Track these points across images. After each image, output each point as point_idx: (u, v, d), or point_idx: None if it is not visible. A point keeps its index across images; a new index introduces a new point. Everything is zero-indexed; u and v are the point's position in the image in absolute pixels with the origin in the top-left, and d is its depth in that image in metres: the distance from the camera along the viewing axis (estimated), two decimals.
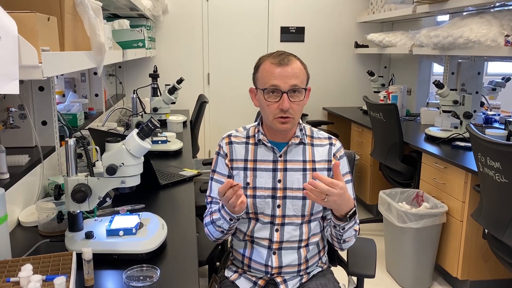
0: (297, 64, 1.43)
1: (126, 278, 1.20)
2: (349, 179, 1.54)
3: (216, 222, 1.46)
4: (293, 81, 1.40)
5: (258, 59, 1.49)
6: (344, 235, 1.44)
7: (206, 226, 1.52)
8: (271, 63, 1.42)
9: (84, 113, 2.74)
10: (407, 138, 3.14)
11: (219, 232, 1.48)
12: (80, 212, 1.35)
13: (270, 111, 1.42)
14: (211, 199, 1.56)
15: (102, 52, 1.40)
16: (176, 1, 4.51)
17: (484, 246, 2.52)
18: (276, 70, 1.40)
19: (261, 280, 1.53)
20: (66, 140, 1.29)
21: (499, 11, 2.82)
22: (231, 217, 1.41)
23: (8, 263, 1.17)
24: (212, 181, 1.57)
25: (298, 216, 1.49)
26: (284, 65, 1.40)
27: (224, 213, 1.42)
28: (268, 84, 1.41)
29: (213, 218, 1.46)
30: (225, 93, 4.75)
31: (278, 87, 1.39)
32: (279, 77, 1.39)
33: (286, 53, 1.45)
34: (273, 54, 1.45)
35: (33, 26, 0.92)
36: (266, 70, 1.42)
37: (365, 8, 4.74)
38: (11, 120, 1.87)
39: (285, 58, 1.41)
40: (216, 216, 1.45)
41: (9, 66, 0.83)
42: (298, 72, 1.42)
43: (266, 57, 1.45)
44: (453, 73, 3.73)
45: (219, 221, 1.44)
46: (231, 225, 1.44)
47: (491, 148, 1.96)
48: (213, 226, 1.48)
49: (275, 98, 1.41)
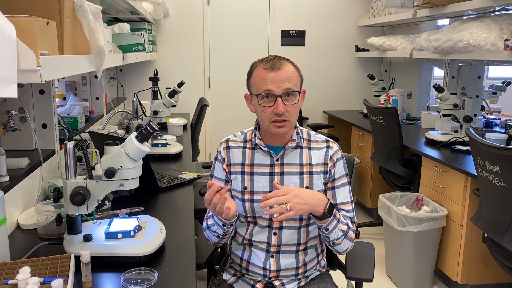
0: (289, 67, 1.43)
1: (124, 281, 1.20)
2: (346, 181, 1.54)
3: (211, 227, 1.49)
4: (286, 84, 1.40)
5: (250, 65, 1.49)
6: (330, 236, 1.44)
7: (205, 230, 1.54)
8: (263, 68, 1.42)
9: (84, 116, 2.74)
10: (407, 142, 3.14)
11: (215, 237, 1.50)
12: (79, 215, 1.35)
13: (265, 116, 1.43)
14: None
15: (102, 56, 1.41)
16: (177, 5, 4.53)
17: (484, 250, 2.51)
18: (268, 75, 1.40)
19: (259, 283, 1.53)
20: (65, 143, 1.30)
21: (499, 15, 2.83)
22: (223, 223, 1.43)
23: (7, 265, 1.18)
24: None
25: (296, 220, 1.49)
26: (276, 70, 1.40)
27: (216, 219, 1.44)
28: (261, 89, 1.41)
29: (208, 224, 1.50)
30: (225, 97, 4.76)
31: (271, 91, 1.40)
32: (272, 82, 1.40)
33: (278, 57, 1.45)
34: (265, 59, 1.45)
35: (32, 30, 0.93)
36: (258, 76, 1.42)
37: (365, 12, 4.75)
38: (12, 123, 1.88)
39: (276, 62, 1.42)
40: (211, 222, 1.48)
41: (7, 69, 0.84)
42: (291, 76, 1.42)
43: (258, 63, 1.46)
44: (454, 77, 3.74)
45: (213, 226, 1.47)
46: (225, 230, 1.46)
47: (490, 152, 1.96)
48: (209, 231, 1.51)
49: (270, 102, 1.41)
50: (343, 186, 1.53)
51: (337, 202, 1.52)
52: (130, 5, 2.72)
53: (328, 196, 1.52)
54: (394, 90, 4.15)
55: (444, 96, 3.11)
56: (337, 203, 1.52)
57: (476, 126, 3.47)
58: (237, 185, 1.51)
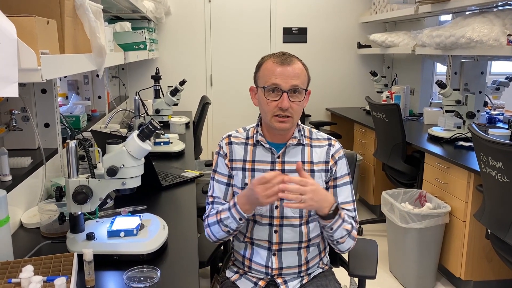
0: (299, 65, 1.44)
1: (126, 279, 1.20)
2: (347, 180, 1.54)
3: (223, 221, 1.44)
4: (294, 81, 1.40)
5: (260, 59, 1.50)
6: (334, 235, 1.44)
7: (209, 227, 1.50)
8: (273, 62, 1.42)
9: (87, 115, 2.75)
10: (410, 138, 3.14)
11: (224, 232, 1.47)
12: (81, 214, 1.36)
13: (268, 109, 1.43)
14: (212, 199, 1.56)
15: (103, 55, 1.41)
16: (178, 3, 4.53)
17: (487, 246, 2.51)
18: (278, 69, 1.41)
19: (261, 281, 1.53)
20: (67, 142, 1.30)
21: (502, 11, 2.81)
22: (241, 217, 1.41)
23: (10, 264, 1.18)
24: (213, 181, 1.57)
25: (296, 217, 1.49)
26: (286, 65, 1.41)
27: (234, 212, 1.41)
28: (269, 82, 1.41)
29: (221, 217, 1.45)
30: (227, 95, 4.76)
31: (279, 86, 1.40)
32: (281, 76, 1.40)
33: (289, 53, 1.46)
34: (275, 54, 1.46)
35: (32, 29, 0.93)
36: (268, 69, 1.43)
37: (367, 8, 4.74)
38: (14, 122, 1.88)
39: (287, 58, 1.43)
40: (225, 215, 1.44)
41: (8, 69, 0.84)
42: (299, 73, 1.42)
43: (268, 57, 1.47)
44: (456, 73, 3.72)
45: (227, 220, 1.43)
46: (239, 225, 1.44)
47: (493, 148, 1.95)
48: (219, 225, 1.46)
49: (275, 96, 1.41)
50: (345, 185, 1.53)
51: (339, 202, 1.51)
52: (131, 4, 2.71)
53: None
54: (396, 86, 4.14)
55: (447, 92, 3.10)
56: (339, 202, 1.51)
57: (479, 122, 3.46)
58: (238, 181, 1.51)
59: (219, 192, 1.55)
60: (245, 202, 1.39)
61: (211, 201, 1.56)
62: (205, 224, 1.52)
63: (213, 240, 1.54)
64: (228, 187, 1.55)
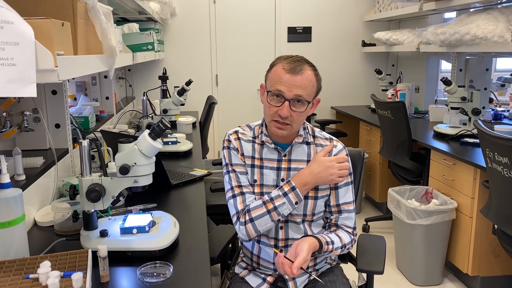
0: (309, 75, 1.41)
1: (140, 274, 1.23)
2: (349, 181, 1.55)
3: (278, 208, 1.43)
4: (299, 91, 1.39)
5: (275, 58, 1.48)
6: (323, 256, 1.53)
7: (253, 221, 1.44)
8: (283, 68, 1.40)
9: (95, 115, 2.79)
10: (415, 136, 3.15)
11: (273, 222, 1.45)
12: (94, 211, 1.38)
13: (269, 113, 1.44)
14: (240, 190, 1.50)
15: (114, 56, 1.44)
16: (183, 4, 4.56)
17: (494, 242, 2.52)
18: (285, 76, 1.39)
19: (270, 277, 1.55)
20: (80, 141, 1.33)
21: (506, 7, 2.82)
22: (298, 200, 1.44)
23: (27, 260, 1.21)
24: (232, 173, 1.52)
25: (300, 215, 1.51)
26: (294, 74, 1.39)
27: (292, 196, 1.43)
28: (274, 87, 1.41)
29: (276, 205, 1.43)
30: (233, 94, 4.79)
31: (282, 93, 1.40)
32: (286, 84, 1.39)
33: (303, 61, 1.43)
34: (289, 57, 1.43)
35: (49, 31, 0.96)
36: (276, 73, 1.42)
37: (371, 6, 4.75)
38: (26, 123, 1.91)
39: (298, 66, 1.40)
40: (280, 202, 1.43)
41: (27, 70, 0.87)
42: (306, 84, 1.40)
43: (281, 60, 1.44)
44: (461, 70, 3.72)
45: (282, 206, 1.43)
46: (291, 211, 1.47)
47: (498, 143, 1.97)
48: (270, 215, 1.43)
49: (277, 102, 1.42)
50: (346, 186, 1.54)
51: (340, 203, 1.53)
52: (138, 5, 2.75)
53: (331, 196, 1.53)
54: (401, 84, 4.15)
55: (452, 89, 3.11)
56: (340, 203, 1.53)
57: (484, 119, 3.46)
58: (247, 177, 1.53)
59: (245, 180, 1.52)
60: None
61: (238, 192, 1.50)
62: (245, 219, 1.45)
63: (250, 238, 1.48)
64: (247, 176, 1.53)
